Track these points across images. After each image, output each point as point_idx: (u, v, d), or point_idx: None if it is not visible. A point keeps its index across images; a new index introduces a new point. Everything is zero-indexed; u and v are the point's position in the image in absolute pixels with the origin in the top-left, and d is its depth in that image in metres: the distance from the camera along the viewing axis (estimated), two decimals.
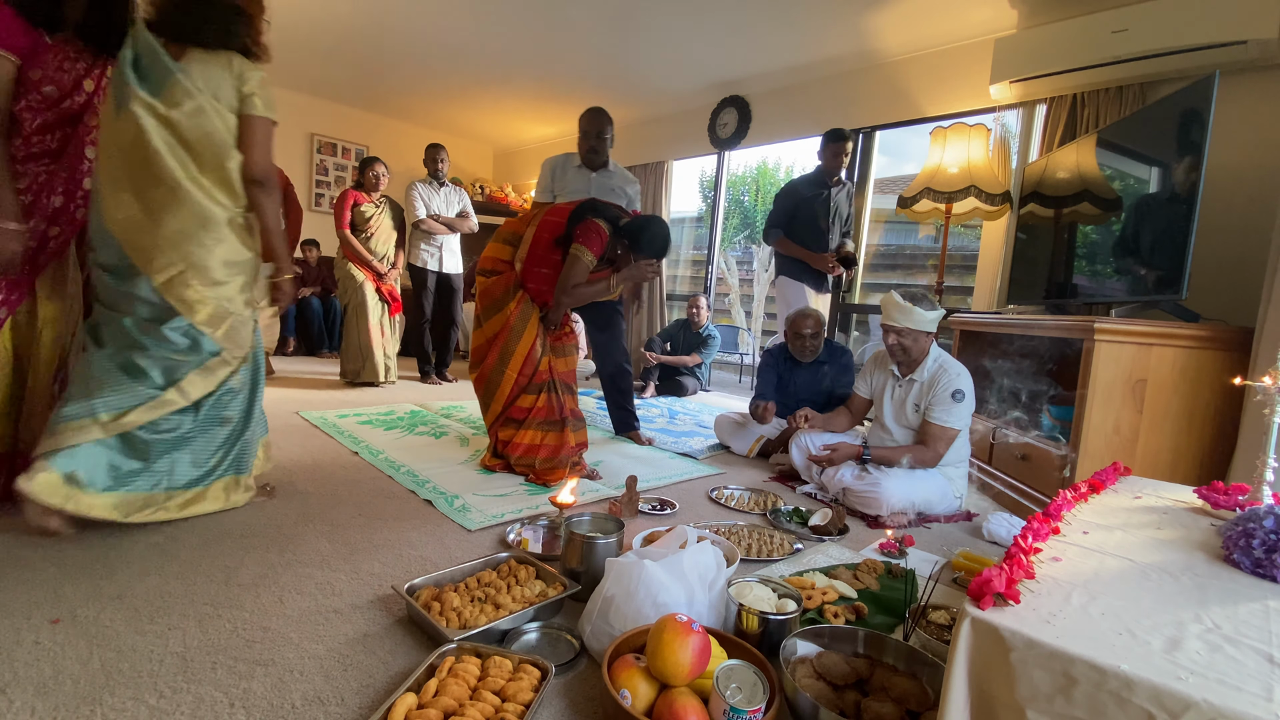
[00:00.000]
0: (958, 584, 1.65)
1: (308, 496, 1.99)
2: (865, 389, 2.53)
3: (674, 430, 3.50)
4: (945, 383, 2.22)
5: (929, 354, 2.29)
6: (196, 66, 1.59)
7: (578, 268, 2.23)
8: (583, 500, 2.13)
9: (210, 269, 1.64)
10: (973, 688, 0.76)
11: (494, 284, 2.33)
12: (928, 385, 2.27)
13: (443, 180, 4.26)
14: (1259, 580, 0.92)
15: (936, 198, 3.33)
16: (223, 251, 1.67)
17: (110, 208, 1.56)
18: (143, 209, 1.57)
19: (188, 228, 1.60)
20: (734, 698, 0.98)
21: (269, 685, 1.06)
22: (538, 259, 2.30)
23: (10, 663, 1.06)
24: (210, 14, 1.60)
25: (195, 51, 1.60)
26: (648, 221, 2.34)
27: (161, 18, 1.58)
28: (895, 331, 2.26)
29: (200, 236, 1.62)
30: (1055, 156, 2.98)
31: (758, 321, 7.77)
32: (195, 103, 1.57)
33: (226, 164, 1.64)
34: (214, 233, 1.64)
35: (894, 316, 2.24)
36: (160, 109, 1.54)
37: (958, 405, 2.20)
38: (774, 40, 4.02)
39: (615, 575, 1.23)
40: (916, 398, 2.30)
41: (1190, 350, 2.12)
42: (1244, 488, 1.26)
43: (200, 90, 1.58)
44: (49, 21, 1.46)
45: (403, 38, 4.46)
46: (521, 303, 2.31)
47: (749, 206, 10.27)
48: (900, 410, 2.36)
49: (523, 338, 2.29)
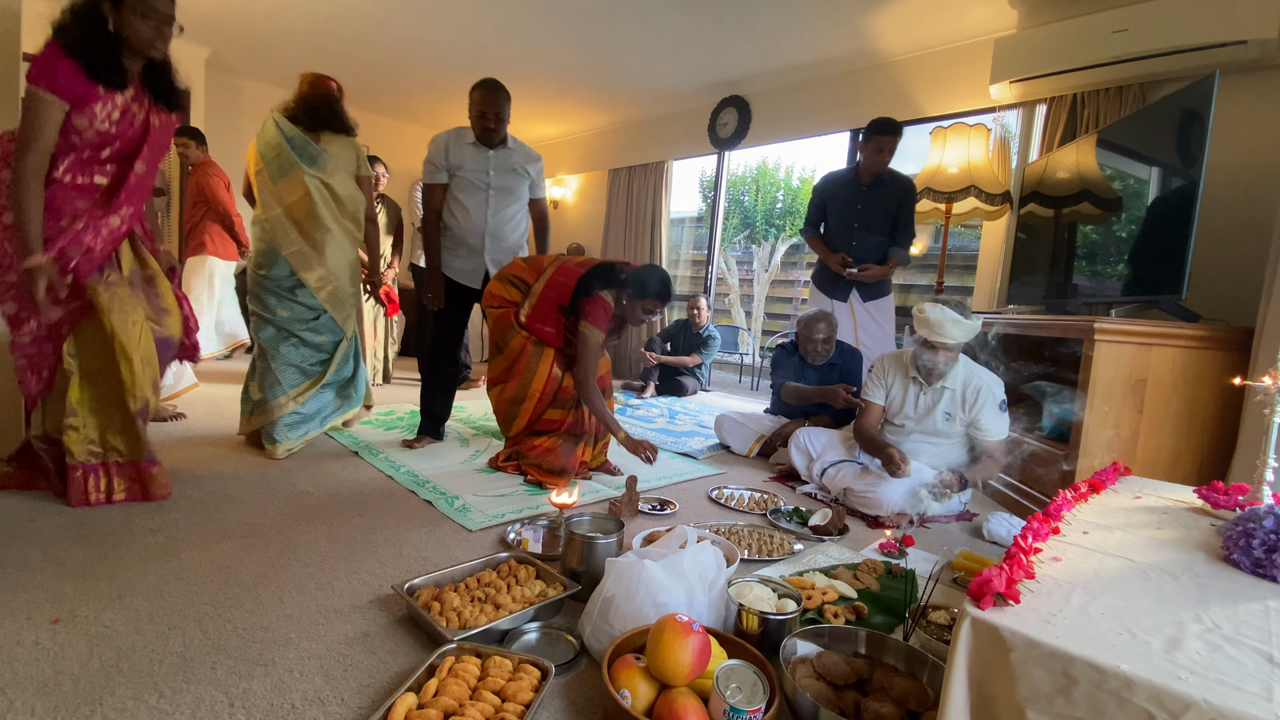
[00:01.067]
0: (958, 584, 1.65)
1: (308, 496, 1.99)
2: (881, 397, 2.37)
3: (674, 430, 3.50)
4: (986, 394, 2.17)
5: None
6: (331, 146, 2.45)
7: (590, 352, 2.30)
8: (583, 500, 2.14)
9: (348, 280, 2.54)
10: (973, 688, 0.76)
11: (504, 315, 2.42)
12: (962, 395, 2.20)
13: None
14: (1259, 580, 0.92)
15: (936, 198, 3.32)
16: (353, 267, 2.57)
17: (283, 243, 2.38)
18: (310, 244, 2.41)
19: (340, 256, 2.48)
20: (734, 698, 0.98)
21: (269, 685, 1.06)
22: (541, 317, 2.38)
23: (10, 663, 1.06)
24: (334, 113, 2.49)
25: (326, 135, 2.46)
26: (649, 272, 2.33)
27: (300, 113, 2.43)
28: (947, 349, 2.12)
29: (345, 260, 2.51)
30: (1055, 156, 2.98)
31: (758, 321, 7.76)
32: (341, 174, 2.46)
33: (358, 211, 2.54)
34: (350, 255, 2.55)
35: (949, 333, 2.07)
36: (322, 177, 2.39)
37: (1004, 415, 2.19)
38: (774, 40, 4.02)
39: (615, 575, 1.23)
40: (948, 406, 2.23)
41: (1190, 350, 2.12)
42: (1244, 488, 1.26)
43: (338, 164, 2.45)
44: (111, 78, 1.63)
45: (402, 38, 4.46)
46: (529, 339, 2.40)
47: (749, 206, 10.27)
48: (927, 418, 2.27)
49: (538, 371, 2.36)
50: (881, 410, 2.39)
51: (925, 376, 2.24)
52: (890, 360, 2.39)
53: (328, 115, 2.46)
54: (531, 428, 2.42)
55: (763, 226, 10.04)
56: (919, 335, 2.16)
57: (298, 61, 5.11)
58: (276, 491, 2.00)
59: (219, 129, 5.35)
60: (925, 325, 2.11)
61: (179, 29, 1.70)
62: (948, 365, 2.18)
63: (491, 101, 2.53)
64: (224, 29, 4.59)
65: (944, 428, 2.26)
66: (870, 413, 2.38)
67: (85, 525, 1.63)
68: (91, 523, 1.64)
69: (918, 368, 2.24)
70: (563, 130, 6.55)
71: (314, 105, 2.45)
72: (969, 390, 2.20)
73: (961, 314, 2.08)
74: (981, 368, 2.26)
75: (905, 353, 2.35)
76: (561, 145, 6.77)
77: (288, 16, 4.25)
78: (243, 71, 5.48)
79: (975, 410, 2.19)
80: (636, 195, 5.79)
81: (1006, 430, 2.20)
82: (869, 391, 2.40)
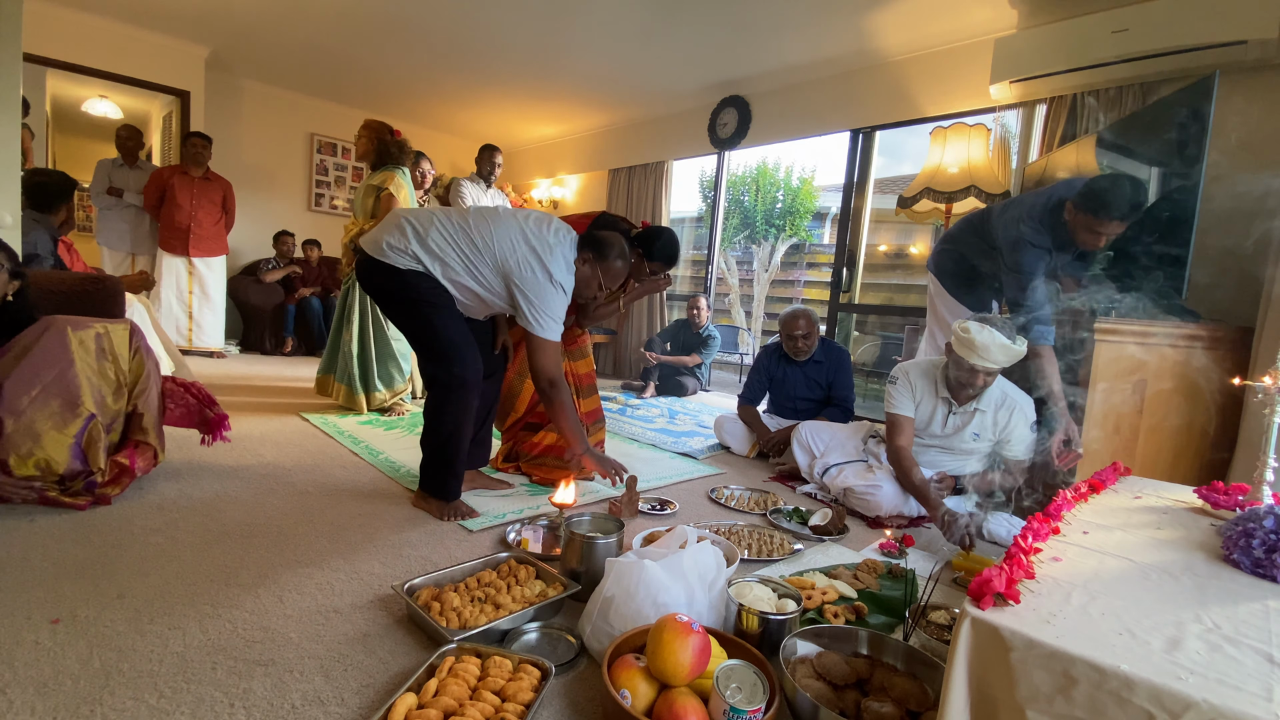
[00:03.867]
0: (958, 584, 1.65)
1: (308, 496, 1.99)
2: (911, 409, 2.18)
3: (674, 430, 3.50)
4: (1019, 416, 2.08)
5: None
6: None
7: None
8: (583, 500, 2.14)
9: None
10: (973, 688, 0.76)
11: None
12: (993, 416, 2.11)
13: (490, 183, 4.23)
14: (1259, 580, 0.92)
15: (937, 198, 3.33)
16: None
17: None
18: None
19: None
20: (734, 698, 0.98)
21: (269, 685, 1.06)
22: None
23: (10, 663, 1.06)
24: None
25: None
26: (660, 230, 2.26)
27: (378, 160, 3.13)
28: (988, 373, 1.99)
29: None
30: (1055, 156, 2.98)
31: (758, 321, 7.76)
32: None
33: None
34: None
35: (995, 358, 1.92)
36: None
37: (1034, 434, 2.10)
38: (774, 40, 4.02)
39: (615, 575, 1.23)
40: (979, 427, 2.14)
41: (1190, 350, 2.12)
42: (1244, 488, 1.26)
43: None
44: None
45: (402, 38, 4.46)
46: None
47: (749, 206, 10.27)
48: (955, 437, 2.18)
49: None
50: (913, 424, 2.19)
51: (956, 396, 2.11)
52: (917, 373, 2.20)
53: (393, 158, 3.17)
54: (526, 420, 2.40)
55: (763, 226, 10.05)
56: (957, 355, 2.01)
57: (298, 61, 5.12)
58: (276, 491, 2.00)
59: (219, 129, 5.35)
60: (968, 348, 1.94)
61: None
62: (985, 388, 2.06)
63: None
64: (224, 29, 4.59)
65: (970, 446, 2.18)
66: (903, 430, 2.15)
67: (85, 525, 1.63)
68: (91, 523, 1.64)
69: (950, 387, 2.11)
70: (563, 130, 6.55)
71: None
72: (1001, 413, 2.11)
73: (1009, 337, 1.92)
74: (1014, 386, 2.15)
75: (932, 366, 2.20)
76: (561, 145, 6.76)
77: (288, 16, 4.25)
78: (243, 71, 5.48)
79: (1007, 432, 2.12)
80: (636, 195, 5.79)
81: (1033, 448, 2.11)
82: (897, 403, 2.18)
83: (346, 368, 3.16)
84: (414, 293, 1.84)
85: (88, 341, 1.76)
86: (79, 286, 2.33)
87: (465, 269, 1.86)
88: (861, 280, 4.51)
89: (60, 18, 4.33)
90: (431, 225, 1.86)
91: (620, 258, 1.96)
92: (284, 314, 5.44)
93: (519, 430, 2.42)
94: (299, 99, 5.95)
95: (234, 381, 3.87)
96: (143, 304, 3.02)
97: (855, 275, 4.44)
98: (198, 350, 4.61)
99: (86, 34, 4.45)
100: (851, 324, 4.91)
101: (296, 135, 6.06)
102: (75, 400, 1.73)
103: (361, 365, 3.16)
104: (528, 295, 1.84)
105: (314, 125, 6.13)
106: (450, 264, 1.85)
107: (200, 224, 4.51)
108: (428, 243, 1.84)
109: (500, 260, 1.84)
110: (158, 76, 4.83)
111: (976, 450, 2.19)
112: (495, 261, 1.85)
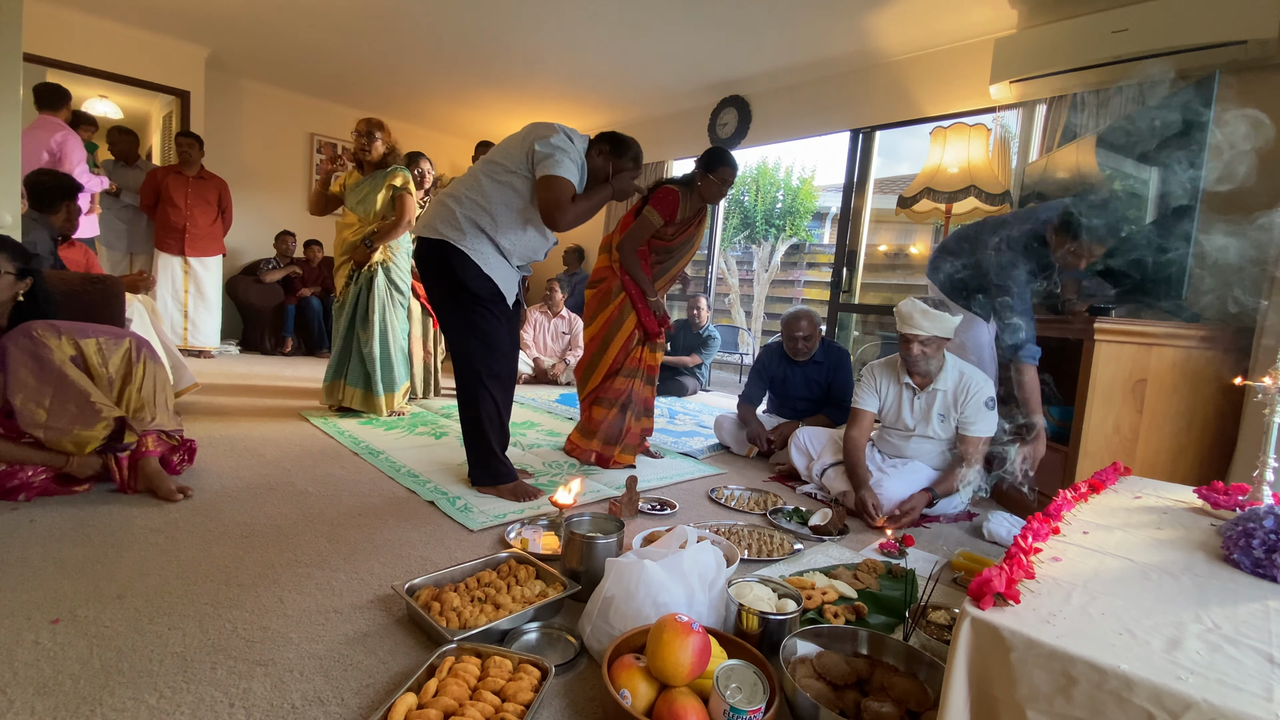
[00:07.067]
0: (958, 584, 1.65)
1: (308, 496, 1.99)
2: (874, 403, 2.34)
3: (674, 430, 3.50)
4: (975, 392, 2.17)
5: (946, 361, 2.23)
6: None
7: (642, 227, 2.55)
8: (583, 500, 2.14)
9: None
10: (973, 688, 0.76)
11: (597, 292, 2.69)
12: (954, 394, 2.22)
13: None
14: (1259, 580, 0.92)
15: (936, 198, 3.32)
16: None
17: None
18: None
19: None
20: (734, 698, 0.98)
21: (269, 685, 1.06)
22: (621, 228, 2.64)
23: (10, 663, 1.06)
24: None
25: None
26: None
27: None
28: (920, 341, 2.14)
29: None
30: (1055, 156, 2.98)
31: (757, 321, 7.76)
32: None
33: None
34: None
35: (919, 325, 2.11)
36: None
37: (991, 413, 2.18)
38: (774, 40, 4.02)
39: (615, 575, 1.23)
40: (942, 407, 2.24)
41: (1190, 350, 2.12)
42: (1244, 488, 1.26)
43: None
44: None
45: (402, 38, 4.46)
46: (622, 305, 2.63)
47: (749, 206, 10.27)
48: (923, 420, 2.27)
49: (623, 327, 2.62)
50: (873, 417, 2.36)
51: (911, 376, 2.25)
52: (880, 366, 2.37)
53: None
54: (598, 393, 2.64)
55: (762, 226, 10.05)
56: (897, 333, 2.21)
57: (298, 61, 5.11)
58: (276, 491, 2.00)
59: (219, 129, 5.36)
60: (898, 319, 2.18)
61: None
62: (928, 363, 2.18)
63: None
64: (224, 29, 4.59)
65: (939, 430, 2.26)
66: (862, 421, 2.33)
67: (85, 525, 1.63)
68: (91, 523, 1.64)
69: (909, 372, 2.25)
70: None
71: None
72: (959, 390, 2.21)
73: (939, 309, 2.10)
74: (974, 368, 2.25)
75: (896, 358, 2.34)
76: None
77: (287, 16, 4.24)
78: (243, 71, 5.48)
79: (963, 407, 2.20)
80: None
81: (992, 429, 2.19)
82: (860, 399, 2.35)
83: (364, 371, 3.14)
84: (474, 284, 2.03)
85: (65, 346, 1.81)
86: (79, 287, 2.33)
87: (501, 200, 2.03)
88: (861, 280, 4.51)
89: (60, 18, 4.33)
90: (461, 186, 2.08)
91: (634, 160, 2.20)
92: (284, 314, 5.44)
93: (592, 404, 2.67)
94: (299, 99, 5.94)
95: (234, 381, 3.87)
96: (143, 304, 3.01)
97: (855, 275, 4.44)
98: (192, 350, 4.62)
99: (86, 34, 4.45)
100: (852, 324, 4.90)
101: (296, 135, 6.05)
102: (86, 402, 1.78)
103: (384, 367, 3.14)
104: (545, 144, 1.99)
105: (314, 125, 6.13)
106: (493, 209, 2.03)
107: (196, 223, 4.52)
108: (464, 201, 2.03)
109: (517, 156, 2.04)
110: (158, 76, 4.83)
111: (946, 434, 2.29)
112: (515, 162, 2.03)
